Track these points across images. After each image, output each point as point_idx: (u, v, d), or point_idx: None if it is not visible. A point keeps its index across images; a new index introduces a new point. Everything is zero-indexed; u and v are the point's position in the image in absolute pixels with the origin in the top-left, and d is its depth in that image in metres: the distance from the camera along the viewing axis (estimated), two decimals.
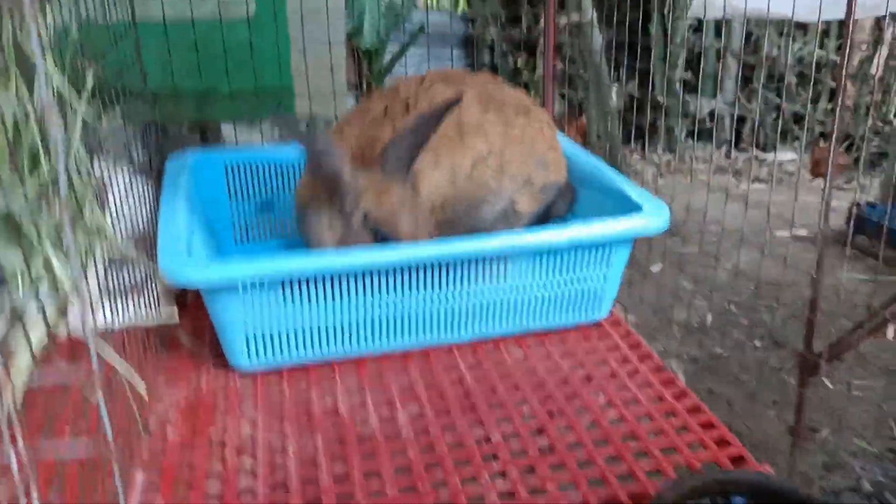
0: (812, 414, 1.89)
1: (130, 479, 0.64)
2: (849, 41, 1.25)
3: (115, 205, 0.66)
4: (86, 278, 0.48)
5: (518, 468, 0.67)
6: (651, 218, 0.83)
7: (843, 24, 1.22)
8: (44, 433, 0.46)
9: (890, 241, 1.42)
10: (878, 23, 3.63)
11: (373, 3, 3.27)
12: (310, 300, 0.77)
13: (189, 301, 0.94)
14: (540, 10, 3.94)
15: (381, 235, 0.81)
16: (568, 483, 0.66)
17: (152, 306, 0.79)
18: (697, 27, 3.89)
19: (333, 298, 0.78)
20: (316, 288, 0.77)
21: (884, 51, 3.54)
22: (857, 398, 2.09)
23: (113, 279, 0.64)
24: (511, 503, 0.63)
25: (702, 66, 3.84)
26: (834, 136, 1.29)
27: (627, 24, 2.38)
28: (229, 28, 1.23)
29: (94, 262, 0.54)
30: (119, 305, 0.65)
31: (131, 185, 0.76)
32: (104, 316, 0.62)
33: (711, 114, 4.01)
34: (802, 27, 3.88)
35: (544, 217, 0.94)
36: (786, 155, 4.03)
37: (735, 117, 3.88)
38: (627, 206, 0.87)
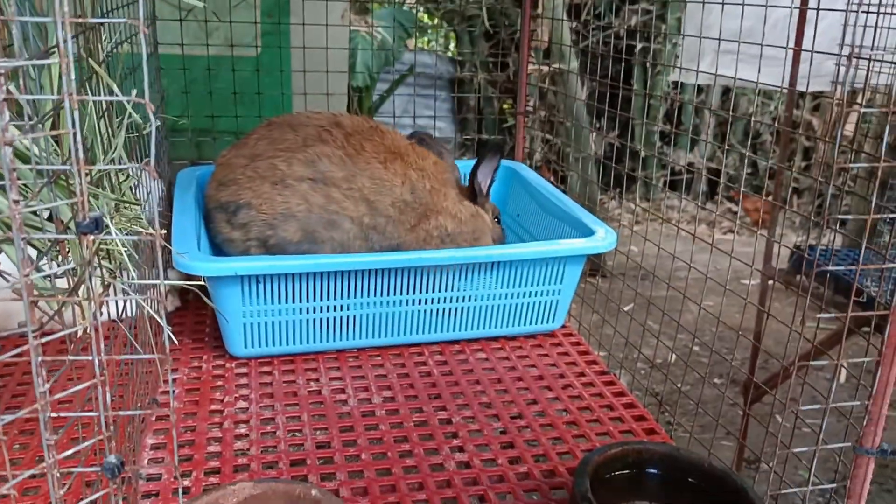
0: (760, 447, 2.00)
1: (142, 440, 0.74)
2: (792, 110, 1.41)
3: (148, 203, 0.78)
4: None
5: (474, 445, 0.79)
6: (599, 240, 0.96)
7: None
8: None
9: (832, 284, 1.57)
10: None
11: (365, 41, 3.44)
12: (298, 297, 0.89)
13: (190, 299, 1.05)
14: None
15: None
16: (516, 458, 0.77)
17: (163, 296, 0.90)
18: (677, 84, 4.10)
19: (319, 297, 0.90)
20: (303, 285, 0.88)
21: (853, 116, 3.75)
22: (807, 434, 2.22)
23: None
24: (467, 472, 0.74)
25: (679, 119, 4.04)
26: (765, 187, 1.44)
27: (610, 76, 2.55)
28: (236, 65, 1.34)
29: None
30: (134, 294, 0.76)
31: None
32: (123, 303, 0.73)
33: (687, 166, 4.20)
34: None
35: None
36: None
37: (716, 170, 4.07)
38: (583, 230, 1.00)
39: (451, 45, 4.75)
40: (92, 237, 0.37)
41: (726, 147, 1.04)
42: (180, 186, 1.05)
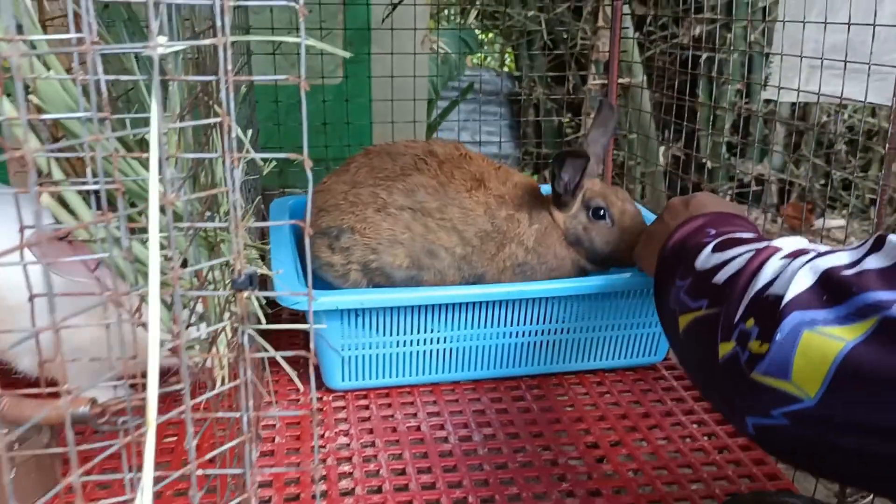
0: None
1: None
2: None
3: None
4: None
5: (585, 489, 0.75)
6: None
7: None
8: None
9: None
10: None
11: (430, 59, 3.44)
12: (396, 329, 0.88)
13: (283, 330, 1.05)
14: (586, 73, 4.08)
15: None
16: None
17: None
18: (747, 93, 3.98)
19: (416, 329, 0.88)
20: (401, 317, 0.87)
21: None
22: None
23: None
24: None
25: (748, 130, 3.92)
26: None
27: (675, 87, 2.48)
28: (317, 93, 1.34)
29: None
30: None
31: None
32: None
33: (758, 178, 4.07)
34: None
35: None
36: (834, 222, 4.04)
37: (784, 182, 3.93)
38: None
39: (507, 61, 4.73)
40: (246, 294, 0.36)
41: (811, 160, 0.98)
42: (274, 217, 1.05)
